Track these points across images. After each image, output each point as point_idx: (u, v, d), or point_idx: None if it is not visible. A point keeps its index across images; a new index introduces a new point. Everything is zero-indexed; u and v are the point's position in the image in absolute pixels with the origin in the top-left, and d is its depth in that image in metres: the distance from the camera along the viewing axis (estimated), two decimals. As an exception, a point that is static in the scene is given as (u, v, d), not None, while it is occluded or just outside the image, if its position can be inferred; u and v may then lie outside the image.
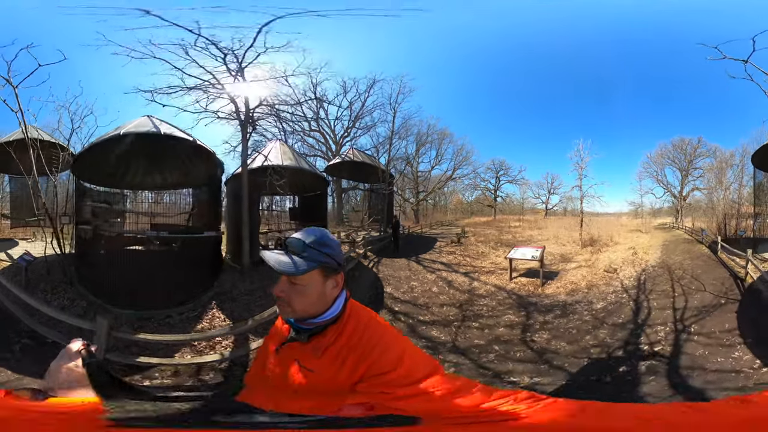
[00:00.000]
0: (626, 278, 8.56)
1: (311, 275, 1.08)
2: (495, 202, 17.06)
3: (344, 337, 1.09)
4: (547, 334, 5.93)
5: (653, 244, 11.83)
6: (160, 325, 6.62)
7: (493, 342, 5.73)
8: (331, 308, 1.12)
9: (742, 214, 12.84)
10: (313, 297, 1.10)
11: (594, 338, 5.57)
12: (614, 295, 7.54)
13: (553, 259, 10.13)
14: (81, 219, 8.19)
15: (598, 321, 6.21)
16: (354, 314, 1.14)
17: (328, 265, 1.10)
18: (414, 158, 15.48)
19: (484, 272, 9.32)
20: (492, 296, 7.81)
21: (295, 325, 1.15)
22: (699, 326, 6.08)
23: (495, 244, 11.55)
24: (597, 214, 14.98)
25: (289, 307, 1.10)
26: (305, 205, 11.64)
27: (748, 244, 9.94)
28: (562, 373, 4.62)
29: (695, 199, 15.55)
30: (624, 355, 5.12)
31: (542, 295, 7.83)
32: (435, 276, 9.02)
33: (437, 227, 14.54)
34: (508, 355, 5.26)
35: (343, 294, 1.16)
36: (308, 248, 1.08)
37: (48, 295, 7.05)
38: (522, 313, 6.87)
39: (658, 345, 5.45)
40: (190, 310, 7.12)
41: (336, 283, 1.13)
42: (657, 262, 9.81)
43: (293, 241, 1.09)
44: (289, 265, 1.06)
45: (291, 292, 1.09)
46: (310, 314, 1.11)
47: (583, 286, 8.09)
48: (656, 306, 7.07)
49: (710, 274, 8.46)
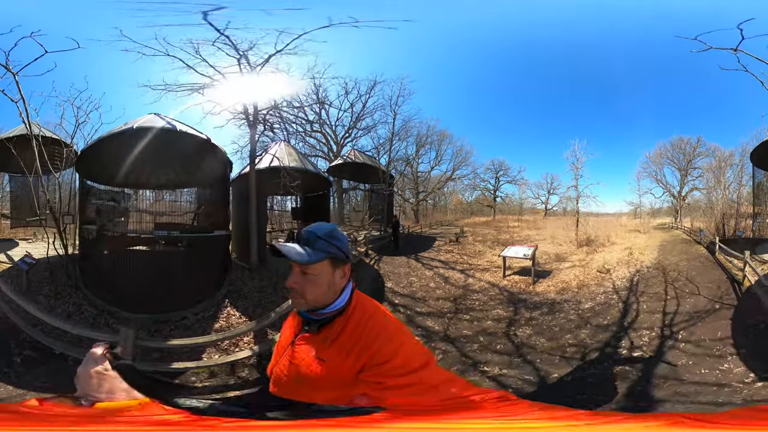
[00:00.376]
0: (619, 279, 8.62)
1: (322, 265, 1.16)
2: (494, 202, 17.30)
3: (350, 326, 1.15)
4: (529, 330, 6.21)
5: (650, 245, 11.83)
6: (176, 327, 6.50)
7: (479, 333, 6.10)
8: (338, 298, 1.19)
9: (742, 214, 12.84)
10: (323, 286, 1.17)
11: (574, 338, 5.77)
12: (604, 296, 7.66)
13: (548, 259, 10.35)
14: (85, 218, 7.94)
15: (583, 321, 6.40)
16: (359, 305, 1.20)
17: (336, 256, 1.17)
18: (414, 159, 15.82)
19: (480, 270, 9.65)
20: (485, 292, 8.17)
21: (306, 316, 1.22)
22: (688, 333, 5.85)
23: (492, 244, 11.82)
24: (597, 214, 15.11)
25: (302, 298, 1.17)
26: (308, 205, 11.92)
27: (747, 244, 9.74)
28: (529, 368, 4.90)
29: (695, 199, 15.66)
30: (597, 357, 5.15)
31: (532, 292, 8.10)
32: (433, 272, 9.39)
33: (437, 227, 14.83)
34: (489, 347, 5.60)
35: (349, 285, 1.23)
36: (319, 240, 1.16)
37: (52, 301, 6.71)
38: (510, 309, 7.19)
39: (638, 350, 5.40)
40: (205, 309, 7.06)
41: (344, 273, 1.20)
42: (652, 263, 9.79)
43: (306, 233, 1.18)
44: (303, 254, 1.14)
45: (303, 282, 1.16)
46: (320, 304, 1.18)
47: (573, 286, 8.28)
48: (645, 309, 6.99)
49: (706, 277, 8.27)
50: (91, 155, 7.72)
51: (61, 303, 6.72)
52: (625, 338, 5.73)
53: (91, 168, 8.11)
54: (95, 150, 7.66)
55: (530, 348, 5.46)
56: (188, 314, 6.85)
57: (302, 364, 1.17)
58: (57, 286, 7.09)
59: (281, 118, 10.80)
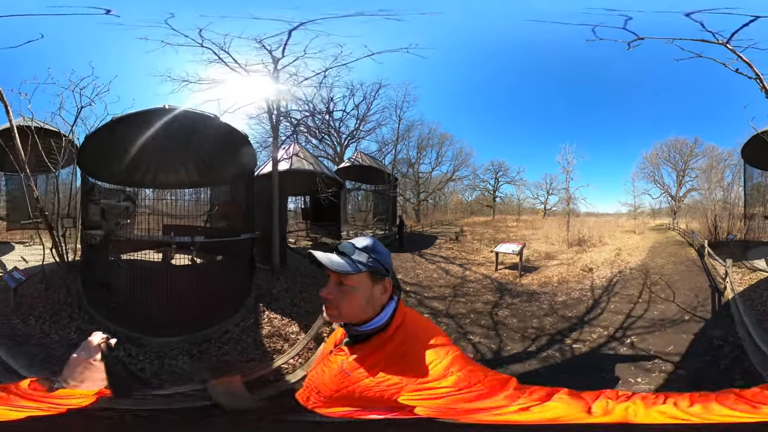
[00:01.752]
0: (599, 278, 9.21)
1: (360, 278, 1.13)
2: (494, 202, 18.04)
3: (389, 347, 1.11)
4: (507, 312, 7.53)
5: (641, 246, 12.20)
6: (222, 343, 5.82)
7: (471, 312, 7.62)
8: (379, 315, 1.15)
9: (736, 216, 12.38)
10: (361, 300, 1.13)
11: (539, 322, 6.87)
12: (579, 292, 8.39)
13: (538, 256, 11.31)
14: (89, 222, 6.79)
15: (552, 310, 7.40)
16: (404, 326, 1.15)
17: (377, 269, 1.15)
18: (416, 161, 16.78)
19: (476, 264, 10.86)
20: (478, 282, 9.49)
21: (348, 328, 1.19)
22: (640, 339, 5.78)
23: (489, 242, 12.84)
24: (597, 214, 15.61)
25: (336, 310, 1.15)
26: (317, 206, 12.24)
27: (737, 248, 9.90)
28: (497, 340, 6.29)
29: (694, 200, 15.45)
30: (545, 342, 5.88)
31: (518, 284, 9.27)
32: (435, 266, 10.70)
33: (437, 226, 15.79)
34: (476, 322, 7.10)
35: (392, 302, 1.18)
36: (359, 251, 1.15)
37: (46, 325, 5.30)
38: (497, 295, 8.52)
39: (579, 344, 5.81)
40: (244, 318, 6.53)
41: (384, 288, 1.17)
42: (637, 265, 10.02)
43: (345, 245, 1.17)
44: (341, 264, 1.12)
45: (339, 294, 1.14)
46: (357, 318, 1.15)
47: (554, 281, 9.23)
48: (611, 309, 7.24)
49: (688, 283, 8.11)
50: (96, 144, 6.44)
51: (59, 328, 5.31)
52: (577, 331, 6.35)
53: (96, 162, 6.88)
54: (99, 138, 6.33)
55: (503, 326, 6.86)
56: (230, 326, 6.20)
57: (333, 376, 1.17)
58: (53, 304, 5.74)
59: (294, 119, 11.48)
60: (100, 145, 6.50)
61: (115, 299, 5.91)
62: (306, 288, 8.06)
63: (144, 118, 6.11)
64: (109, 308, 5.85)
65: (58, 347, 4.84)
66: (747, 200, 11.39)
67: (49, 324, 5.35)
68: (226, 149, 7.32)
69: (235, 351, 5.64)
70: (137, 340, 5.33)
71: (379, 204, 14.28)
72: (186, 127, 6.54)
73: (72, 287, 6.11)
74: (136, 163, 7.43)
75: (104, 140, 6.46)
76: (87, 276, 6.36)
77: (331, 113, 14.84)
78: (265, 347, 5.81)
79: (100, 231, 6.66)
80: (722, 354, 5.02)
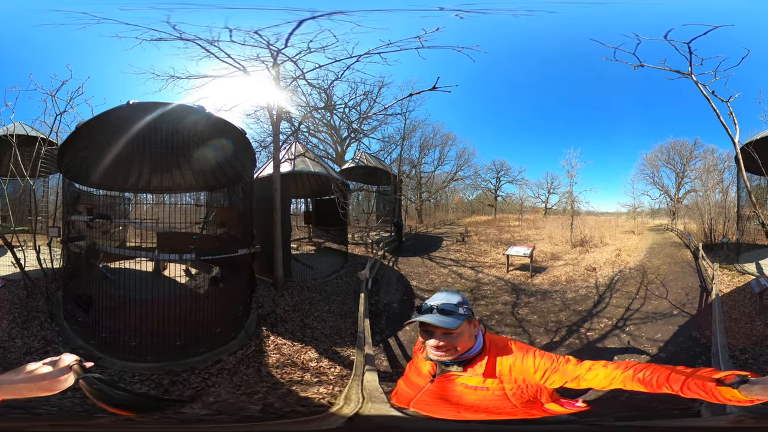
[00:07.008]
0: (602, 277, 10.22)
1: (462, 325, 1.70)
2: (495, 201, 18.90)
3: (492, 360, 1.69)
4: (527, 310, 8.42)
5: (640, 247, 13.17)
6: (210, 375, 5.12)
7: (494, 313, 8.38)
8: (476, 343, 1.74)
9: (732, 218, 12.79)
10: (467, 338, 1.71)
11: (555, 317, 7.89)
12: (585, 290, 9.44)
13: (545, 257, 12.28)
14: (72, 233, 6.59)
15: (565, 306, 8.43)
16: (493, 344, 1.76)
17: (469, 316, 1.74)
18: (419, 162, 17.49)
19: (487, 266, 11.64)
20: (493, 284, 10.23)
21: (440, 362, 1.75)
22: (635, 327, 7.16)
23: (495, 243, 13.72)
24: (597, 214, 16.50)
25: (453, 352, 1.69)
26: (320, 208, 12.49)
27: (731, 251, 10.83)
28: (526, 335, 7.20)
29: (693, 201, 16.20)
30: (565, 333, 7.14)
31: (530, 284, 10.15)
32: (447, 270, 11.33)
33: (440, 226, 16.52)
34: (503, 321, 7.91)
35: (480, 333, 1.78)
36: (456, 307, 1.71)
37: (15, 330, 5.41)
38: (513, 296, 9.33)
39: (591, 332, 7.10)
40: (243, 346, 5.91)
41: (475, 325, 1.76)
42: (635, 265, 11.12)
43: (447, 306, 1.71)
44: (453, 322, 1.68)
45: (451, 340, 1.68)
46: (465, 350, 1.72)
47: (563, 280, 10.22)
48: (614, 303, 8.44)
49: (680, 282, 9.34)
50: (78, 144, 6.09)
51: (27, 335, 5.36)
52: (588, 322, 7.56)
53: (78, 165, 6.61)
54: (80, 137, 5.88)
55: (527, 322, 7.80)
56: (223, 355, 5.57)
57: (450, 393, 1.72)
58: (29, 312, 5.81)
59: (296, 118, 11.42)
60: (78, 150, 6.29)
61: (90, 313, 5.66)
62: (315, 304, 7.76)
63: (109, 119, 5.63)
64: (79, 322, 5.69)
65: (17, 352, 4.93)
66: (739, 202, 12.07)
67: (19, 329, 5.45)
68: (217, 147, 6.82)
69: (229, 384, 4.93)
70: (97, 361, 4.91)
71: (382, 205, 14.70)
72: (169, 123, 6.00)
73: (53, 297, 6.23)
74: (120, 167, 7.34)
75: (80, 146, 6.16)
76: (68, 287, 6.20)
77: (333, 110, 14.88)
78: (275, 379, 5.10)
79: (83, 242, 6.60)
80: (696, 343, 6.33)
